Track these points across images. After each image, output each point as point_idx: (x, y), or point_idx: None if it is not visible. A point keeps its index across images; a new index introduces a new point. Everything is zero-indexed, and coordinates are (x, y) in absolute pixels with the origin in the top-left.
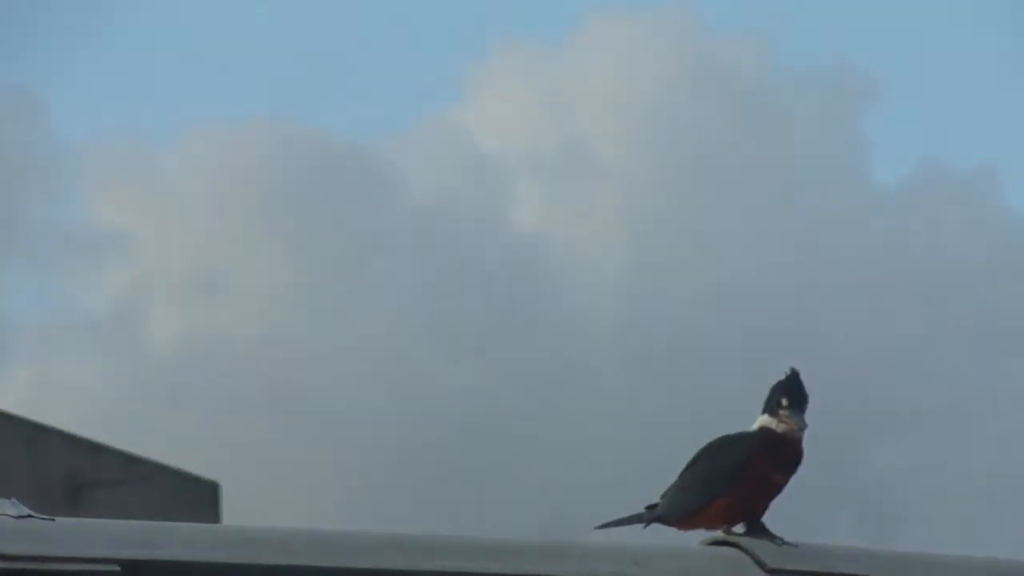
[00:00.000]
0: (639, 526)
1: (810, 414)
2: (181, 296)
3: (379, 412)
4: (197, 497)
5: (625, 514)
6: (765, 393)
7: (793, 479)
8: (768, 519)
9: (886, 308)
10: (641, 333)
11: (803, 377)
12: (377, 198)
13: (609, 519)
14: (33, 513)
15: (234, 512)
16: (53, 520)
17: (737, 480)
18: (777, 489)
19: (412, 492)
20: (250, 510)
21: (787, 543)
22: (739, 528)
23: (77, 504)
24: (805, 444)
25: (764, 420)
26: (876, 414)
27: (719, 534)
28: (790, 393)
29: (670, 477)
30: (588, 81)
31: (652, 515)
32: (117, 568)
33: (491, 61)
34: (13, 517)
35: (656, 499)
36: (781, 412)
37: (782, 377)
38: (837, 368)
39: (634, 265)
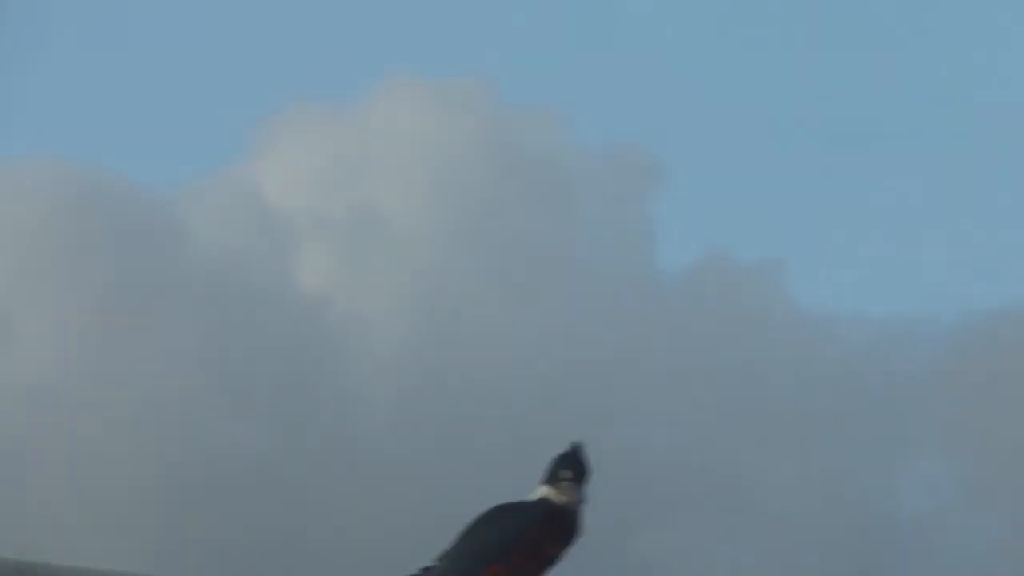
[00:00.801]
0: None
1: (590, 489)
2: None
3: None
4: None
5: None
6: (543, 468)
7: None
8: None
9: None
10: (419, 405)
11: (584, 451)
12: (165, 250)
13: None
14: None
15: None
16: None
17: (513, 549)
18: (552, 560)
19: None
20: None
21: None
22: None
23: None
24: (583, 518)
25: (544, 491)
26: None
27: None
28: (572, 465)
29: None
30: (381, 145)
31: None
32: None
33: (284, 118)
34: None
35: (432, 561)
36: (562, 483)
37: (564, 450)
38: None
39: (417, 337)
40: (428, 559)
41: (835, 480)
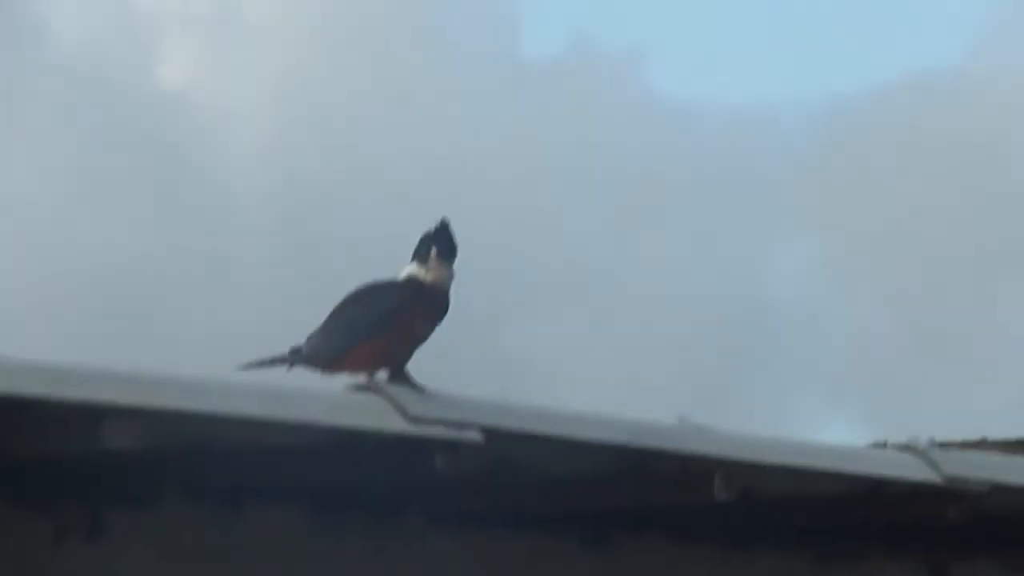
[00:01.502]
0: (284, 368)
1: (457, 265)
2: None
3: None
4: None
5: (271, 355)
6: (412, 245)
7: (438, 329)
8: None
9: (527, 184)
10: (284, 201)
11: (452, 229)
12: (24, 44)
13: (253, 359)
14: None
15: None
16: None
17: (382, 326)
18: (422, 338)
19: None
20: None
21: (429, 392)
22: (382, 375)
23: None
24: (451, 295)
25: (412, 269)
26: (510, 289)
27: (362, 380)
28: (440, 243)
29: (315, 323)
30: None
31: (297, 357)
32: None
33: None
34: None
35: (302, 342)
36: (431, 261)
37: (431, 228)
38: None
39: (281, 133)
40: (297, 340)
41: (702, 265)
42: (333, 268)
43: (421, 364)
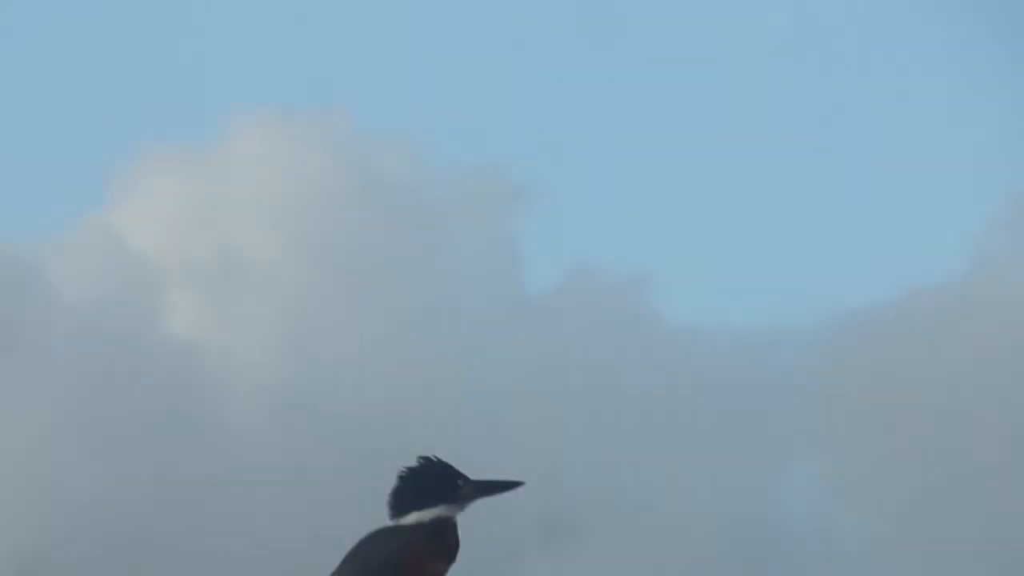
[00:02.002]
0: None
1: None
2: None
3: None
4: None
5: None
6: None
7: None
8: None
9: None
10: (295, 447)
11: (441, 468)
12: (31, 305)
13: None
14: None
15: None
16: None
17: (396, 573)
18: None
19: None
20: None
21: None
22: None
23: None
24: (460, 532)
25: (414, 515)
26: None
27: None
28: (434, 484)
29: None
30: (239, 182)
31: None
32: None
33: (139, 162)
34: None
35: None
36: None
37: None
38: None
39: (290, 376)
40: None
41: (709, 489)
42: (343, 510)
43: None
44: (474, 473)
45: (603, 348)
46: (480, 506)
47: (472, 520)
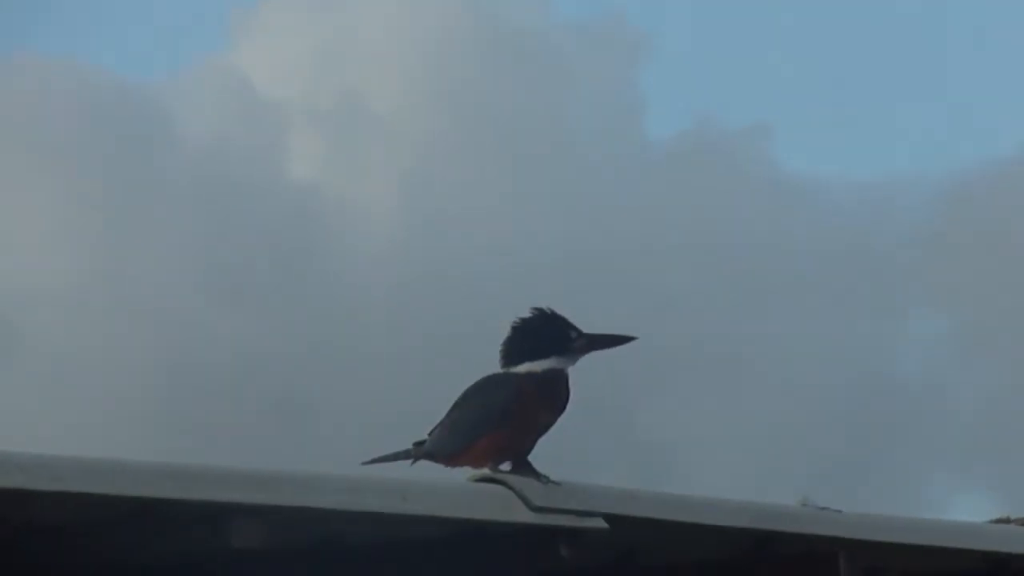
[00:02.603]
0: (407, 462)
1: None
2: None
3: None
4: None
5: (393, 450)
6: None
7: (562, 419)
8: (537, 458)
9: (650, 267)
10: (413, 294)
11: (559, 319)
12: (152, 142)
13: (377, 455)
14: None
15: None
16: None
17: (504, 418)
18: (544, 429)
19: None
20: None
21: (552, 482)
22: (506, 466)
23: None
24: (572, 384)
25: (526, 365)
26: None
27: (486, 471)
28: (548, 336)
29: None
30: (364, 29)
31: (420, 451)
32: None
33: (262, 6)
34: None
35: (424, 436)
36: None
37: (538, 320)
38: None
39: (409, 224)
40: (419, 434)
41: (829, 342)
42: (459, 359)
43: (555, 452)
44: (590, 325)
45: (724, 196)
46: (596, 355)
47: (587, 370)
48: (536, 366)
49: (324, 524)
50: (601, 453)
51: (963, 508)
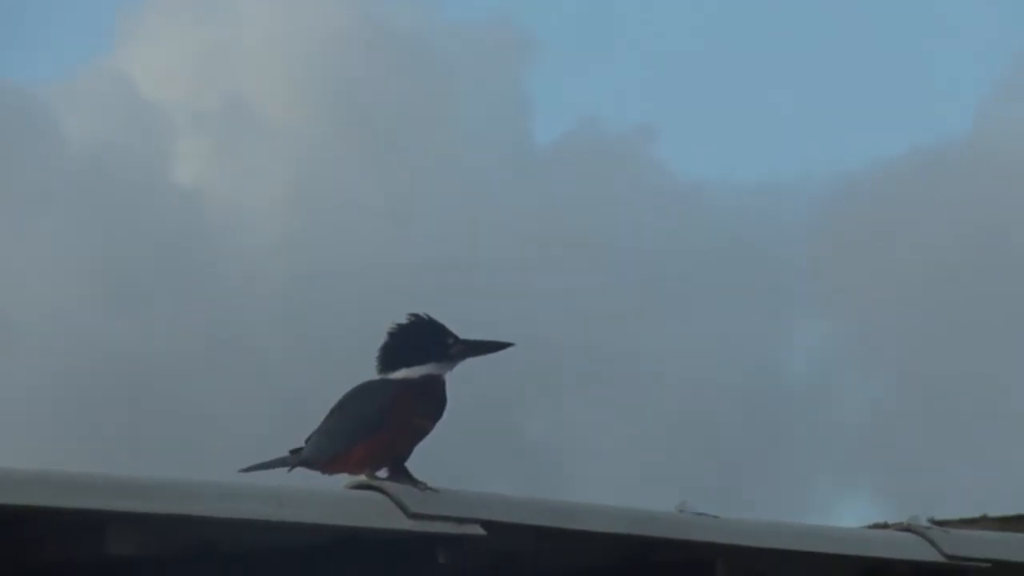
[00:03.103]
0: (284, 469)
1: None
2: None
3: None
4: None
5: (270, 458)
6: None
7: (441, 425)
8: (418, 466)
9: (534, 270)
10: (297, 297)
11: (433, 324)
12: (36, 145)
13: (254, 463)
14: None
15: None
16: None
17: (380, 425)
18: (421, 435)
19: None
20: None
21: (430, 488)
22: (383, 473)
23: None
24: (450, 391)
25: (403, 371)
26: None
27: (363, 478)
28: (424, 341)
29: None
30: (248, 30)
31: (297, 459)
32: None
33: (151, 5)
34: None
35: (302, 444)
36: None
37: (415, 325)
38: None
39: (294, 227)
40: (298, 442)
41: (714, 345)
42: (343, 360)
43: (437, 460)
44: (474, 331)
45: (610, 199)
46: (483, 359)
47: (472, 373)
48: (413, 372)
49: (201, 531)
50: (486, 460)
51: (847, 513)
